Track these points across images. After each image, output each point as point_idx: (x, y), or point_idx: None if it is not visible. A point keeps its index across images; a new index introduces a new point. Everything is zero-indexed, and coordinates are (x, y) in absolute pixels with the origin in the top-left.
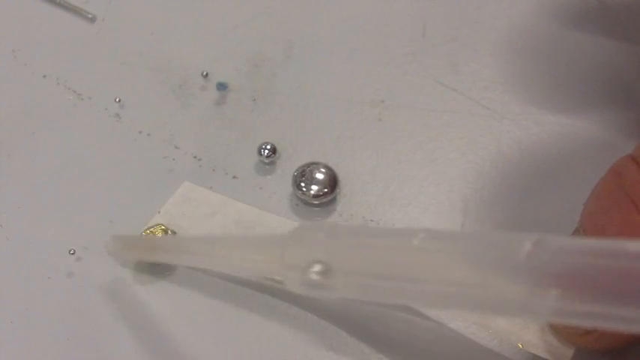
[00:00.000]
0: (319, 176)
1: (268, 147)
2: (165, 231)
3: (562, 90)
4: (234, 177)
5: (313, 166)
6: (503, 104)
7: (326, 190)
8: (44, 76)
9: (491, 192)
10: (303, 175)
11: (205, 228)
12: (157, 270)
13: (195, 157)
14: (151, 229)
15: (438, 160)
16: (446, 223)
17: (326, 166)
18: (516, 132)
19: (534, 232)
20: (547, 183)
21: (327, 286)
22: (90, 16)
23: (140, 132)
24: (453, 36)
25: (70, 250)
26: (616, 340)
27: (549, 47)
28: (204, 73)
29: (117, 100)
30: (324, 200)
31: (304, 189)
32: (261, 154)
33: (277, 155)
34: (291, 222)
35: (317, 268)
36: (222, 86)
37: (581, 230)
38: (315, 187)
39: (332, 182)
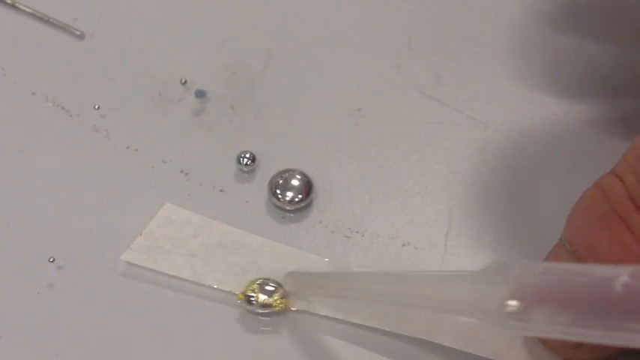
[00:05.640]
0: (294, 183)
1: (247, 155)
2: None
3: (546, 100)
4: (221, 190)
5: (288, 172)
6: (487, 114)
7: (301, 196)
8: (33, 93)
9: (475, 202)
10: (279, 182)
11: (188, 249)
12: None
13: (181, 171)
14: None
15: (423, 170)
16: (431, 233)
17: (301, 173)
18: (500, 142)
19: (519, 241)
20: (531, 193)
21: (522, 326)
22: (78, 33)
23: (128, 147)
24: (437, 47)
25: (58, 265)
26: (604, 353)
27: (533, 57)
28: (183, 80)
29: (104, 115)
30: (299, 206)
31: (280, 196)
32: (240, 163)
33: (257, 163)
34: (276, 243)
35: (512, 305)
36: (200, 93)
37: (566, 244)
38: (290, 194)
39: (307, 188)
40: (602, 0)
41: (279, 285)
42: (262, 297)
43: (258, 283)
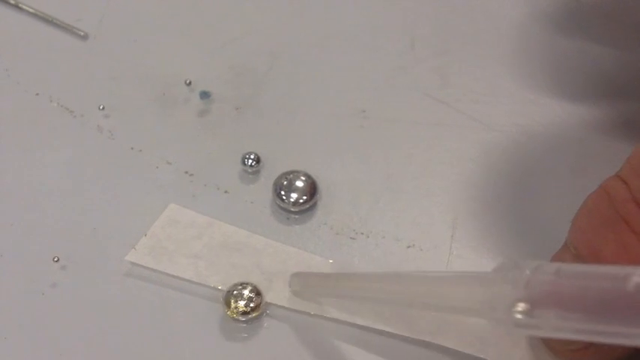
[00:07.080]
0: (299, 184)
1: (252, 157)
2: (255, 290)
3: (550, 102)
4: (226, 191)
5: (293, 174)
6: (491, 116)
7: (305, 197)
8: (37, 94)
9: (480, 204)
10: (283, 183)
11: (192, 250)
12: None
13: (186, 172)
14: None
15: (427, 172)
16: (436, 235)
17: (305, 174)
18: (505, 144)
19: (524, 243)
20: (535, 195)
21: (532, 325)
22: (82, 33)
23: (132, 148)
24: (441, 49)
25: (62, 265)
26: (610, 356)
27: (537, 59)
28: (187, 81)
29: (108, 116)
30: (304, 208)
31: (284, 197)
32: (244, 164)
33: (261, 165)
34: (280, 245)
35: (521, 306)
36: (205, 95)
37: (571, 247)
38: (294, 195)
39: (311, 190)
40: (605, 2)
41: (257, 293)
42: (241, 303)
43: (236, 290)
